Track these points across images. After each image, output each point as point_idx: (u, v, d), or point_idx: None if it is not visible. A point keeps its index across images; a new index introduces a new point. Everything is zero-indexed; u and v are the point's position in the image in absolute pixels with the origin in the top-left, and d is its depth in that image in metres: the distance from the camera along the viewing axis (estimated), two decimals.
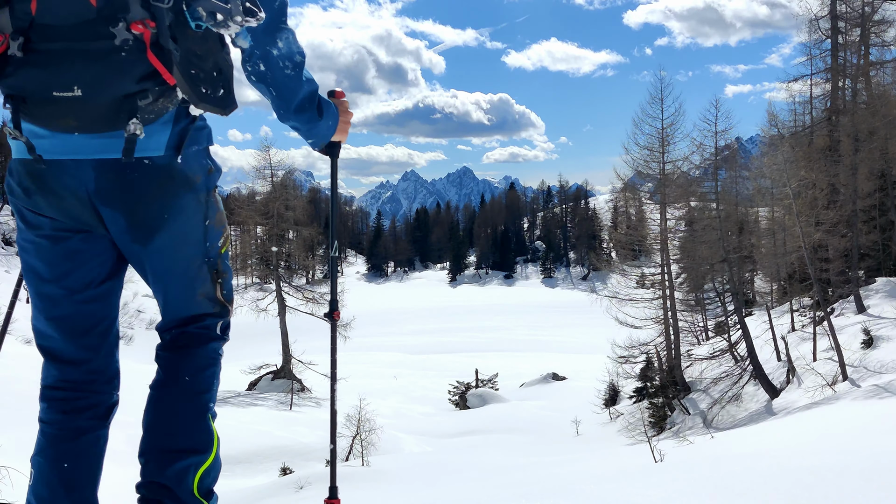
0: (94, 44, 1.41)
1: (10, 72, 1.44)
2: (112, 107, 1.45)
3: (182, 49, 1.46)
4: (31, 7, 1.40)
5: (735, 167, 27.06)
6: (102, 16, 1.41)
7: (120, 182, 1.54)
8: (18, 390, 20.42)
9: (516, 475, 8.18)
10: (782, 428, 9.71)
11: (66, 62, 1.41)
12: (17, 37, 1.41)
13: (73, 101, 1.42)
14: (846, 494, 3.54)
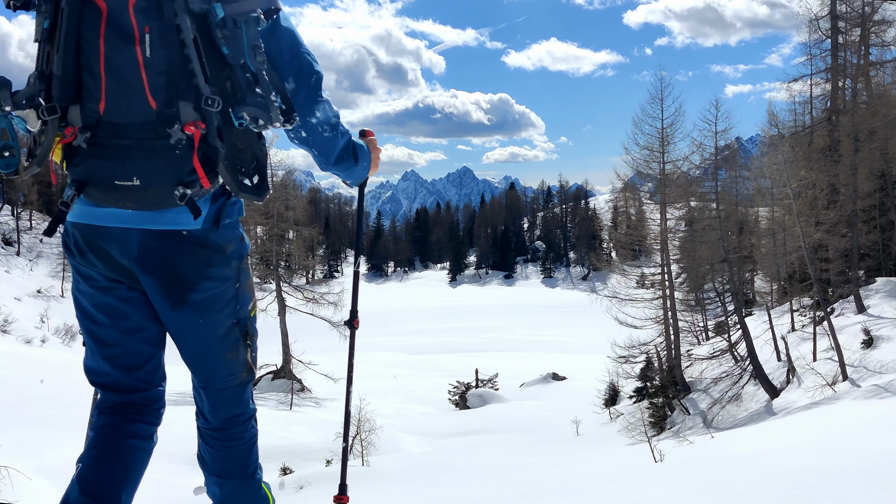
0: (152, 141, 1.62)
1: (78, 161, 1.67)
2: (165, 193, 1.64)
3: (227, 145, 1.66)
4: (99, 107, 1.62)
5: (735, 167, 27.07)
6: (161, 118, 1.62)
7: (160, 250, 1.74)
8: (18, 390, 20.39)
9: (516, 475, 8.18)
10: (782, 428, 9.71)
11: (127, 156, 1.63)
12: (85, 131, 1.64)
13: (132, 188, 1.64)
14: (846, 494, 3.54)
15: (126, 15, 1.60)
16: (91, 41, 1.62)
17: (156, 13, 1.61)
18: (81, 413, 13.51)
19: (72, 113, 1.64)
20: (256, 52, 1.68)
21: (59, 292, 54.34)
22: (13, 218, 59.18)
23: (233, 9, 1.64)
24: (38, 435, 13.37)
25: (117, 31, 1.61)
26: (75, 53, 1.62)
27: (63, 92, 1.63)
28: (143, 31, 1.61)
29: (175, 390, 14.93)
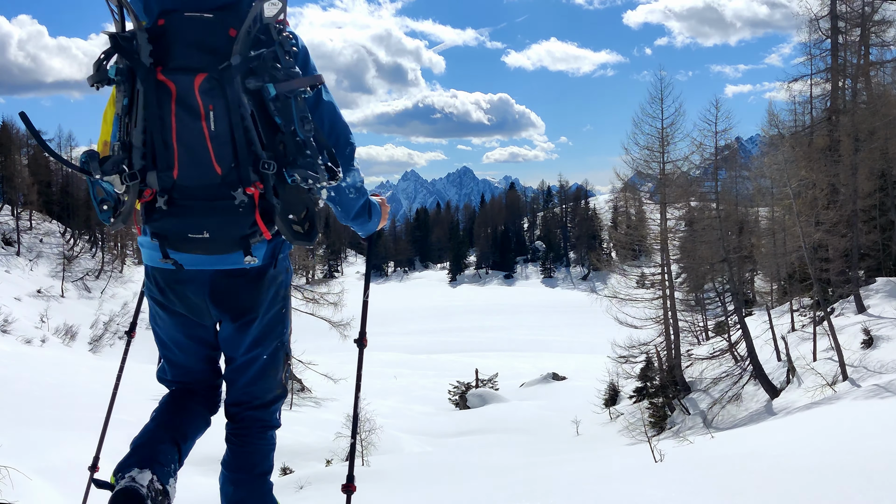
0: (219, 202, 1.91)
1: (157, 217, 1.94)
2: (230, 243, 1.97)
3: (281, 200, 1.95)
4: (173, 173, 1.90)
5: (735, 167, 27.05)
6: (225, 182, 1.90)
7: (229, 285, 2.09)
8: (18, 390, 20.38)
9: (516, 475, 8.17)
10: (782, 428, 9.71)
11: (198, 214, 1.92)
12: (163, 194, 1.91)
13: (203, 240, 1.94)
14: (846, 494, 3.54)
15: (192, 95, 1.85)
16: (164, 117, 1.88)
17: (218, 92, 1.86)
18: (81, 413, 13.71)
19: (150, 178, 1.90)
20: (304, 122, 1.95)
21: (58, 292, 54.31)
22: (13, 218, 59.13)
23: (283, 87, 1.90)
24: (38, 435, 13.37)
25: (186, 108, 1.87)
26: (151, 127, 1.89)
27: (143, 161, 1.90)
28: (207, 109, 1.87)
29: None
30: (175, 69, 1.85)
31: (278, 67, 1.90)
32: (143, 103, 1.87)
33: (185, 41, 1.87)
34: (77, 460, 12.25)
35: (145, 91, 1.86)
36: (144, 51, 1.85)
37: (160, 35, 1.87)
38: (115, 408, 3.59)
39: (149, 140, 1.89)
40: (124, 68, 1.89)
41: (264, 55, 1.89)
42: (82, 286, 58.64)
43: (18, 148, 62.47)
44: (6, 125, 61.06)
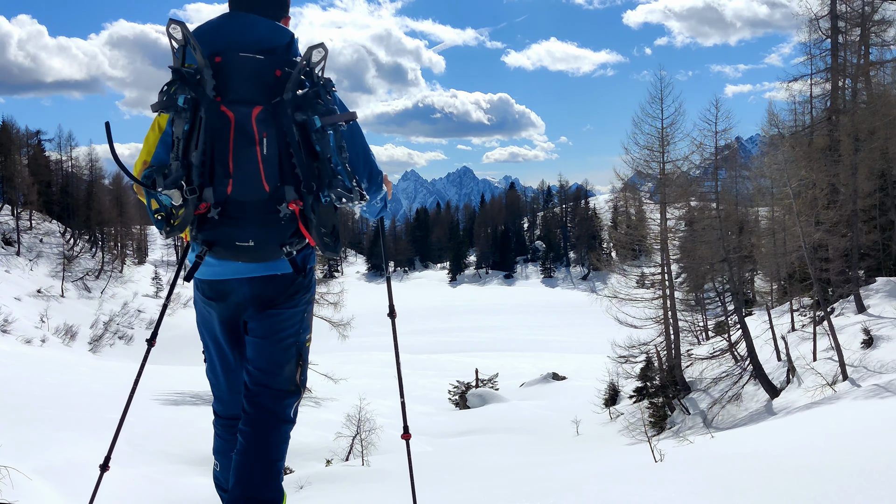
0: (265, 215, 2.24)
1: (209, 227, 2.24)
2: (271, 251, 2.28)
3: (317, 216, 2.27)
4: (228, 189, 2.21)
5: (735, 167, 27.04)
6: (272, 198, 2.23)
7: (265, 287, 2.42)
8: (18, 390, 20.35)
9: (516, 475, 8.17)
10: (782, 428, 9.71)
11: (246, 224, 2.23)
12: (217, 206, 2.22)
13: (247, 247, 2.25)
14: (846, 494, 3.54)
15: (250, 124, 2.20)
16: (223, 141, 2.20)
17: (271, 122, 2.21)
18: (81, 413, 13.72)
19: (206, 193, 2.21)
20: (341, 151, 2.30)
21: (58, 292, 54.32)
22: (13, 218, 59.12)
23: (325, 120, 2.24)
24: (38, 435, 13.36)
25: (243, 134, 2.20)
26: (210, 150, 2.21)
27: (201, 178, 2.21)
28: (261, 136, 2.21)
29: (175, 390, 15.22)
30: (235, 101, 2.20)
31: (321, 104, 2.24)
32: (205, 129, 2.19)
33: (242, 77, 2.20)
34: (77, 460, 12.25)
35: (208, 119, 2.19)
36: (209, 84, 2.18)
37: (218, 71, 2.20)
38: (115, 408, 3.61)
39: (207, 160, 2.21)
40: (190, 100, 2.20)
41: (309, 94, 2.23)
42: (82, 286, 58.64)
43: (18, 148, 62.43)
44: (6, 125, 61.04)
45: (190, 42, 2.17)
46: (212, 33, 2.29)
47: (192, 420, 17.55)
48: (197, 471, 13.24)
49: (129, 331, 54.03)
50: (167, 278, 71.95)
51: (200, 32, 2.29)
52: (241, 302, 2.44)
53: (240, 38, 2.27)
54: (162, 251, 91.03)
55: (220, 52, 2.21)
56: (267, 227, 2.24)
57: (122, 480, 11.69)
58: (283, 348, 2.47)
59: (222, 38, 2.27)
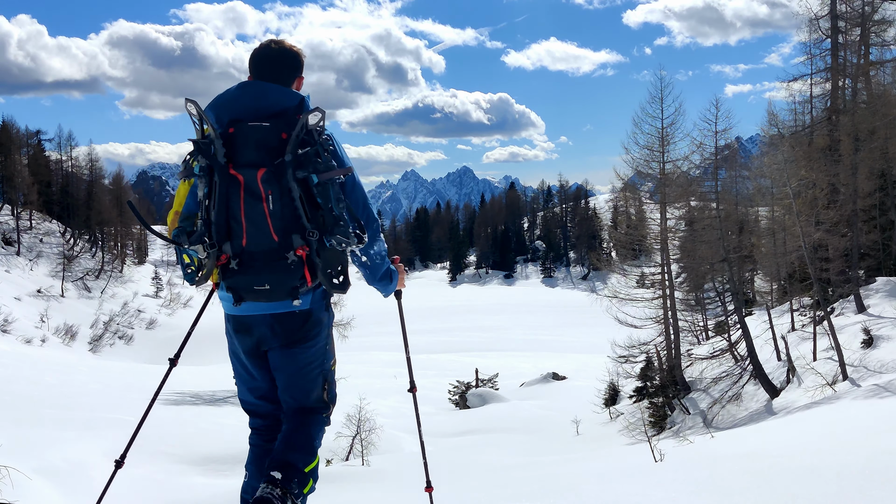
0: (276, 262, 2.55)
1: (230, 275, 2.59)
2: (284, 292, 2.59)
3: (322, 259, 2.59)
4: (242, 242, 2.56)
5: (735, 167, 27.02)
6: (281, 247, 2.55)
7: (283, 322, 2.73)
8: (18, 390, 20.32)
9: (516, 475, 8.17)
10: (782, 427, 9.71)
11: (261, 272, 2.56)
12: (235, 257, 2.57)
13: (264, 290, 2.59)
14: (846, 494, 3.54)
15: (256, 184, 2.51)
16: (235, 201, 2.53)
17: (275, 181, 2.51)
18: (81, 413, 13.70)
19: (225, 246, 2.57)
20: (339, 201, 2.61)
21: (58, 292, 54.29)
22: (13, 217, 59.09)
23: (322, 177, 2.56)
24: (38, 435, 13.35)
25: (251, 194, 2.52)
26: (226, 209, 2.54)
27: (219, 234, 2.56)
28: (267, 194, 2.51)
29: (174, 390, 15.21)
30: (242, 165, 2.52)
31: (319, 161, 2.55)
32: (219, 191, 2.53)
33: (249, 144, 2.53)
34: (77, 460, 12.23)
35: (220, 182, 2.53)
36: (220, 153, 2.52)
37: (230, 139, 2.55)
38: (114, 408, 3.65)
39: (223, 218, 2.55)
40: (205, 167, 2.55)
41: (309, 152, 2.54)
42: (82, 286, 58.62)
43: (18, 148, 62.41)
44: (6, 125, 61.02)
45: (203, 118, 2.56)
46: (229, 104, 2.65)
47: (192, 420, 17.54)
48: (197, 471, 13.23)
49: (129, 331, 54.00)
50: (167, 278, 71.96)
51: (219, 103, 2.66)
52: (263, 334, 2.78)
53: (252, 107, 2.61)
54: (162, 251, 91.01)
55: (234, 123, 2.57)
56: (279, 272, 2.57)
57: (122, 480, 11.68)
58: (311, 379, 2.88)
59: (237, 108, 2.62)
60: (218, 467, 13.57)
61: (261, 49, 2.81)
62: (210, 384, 26.62)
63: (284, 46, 2.81)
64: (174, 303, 63.63)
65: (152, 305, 61.15)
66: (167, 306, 62.40)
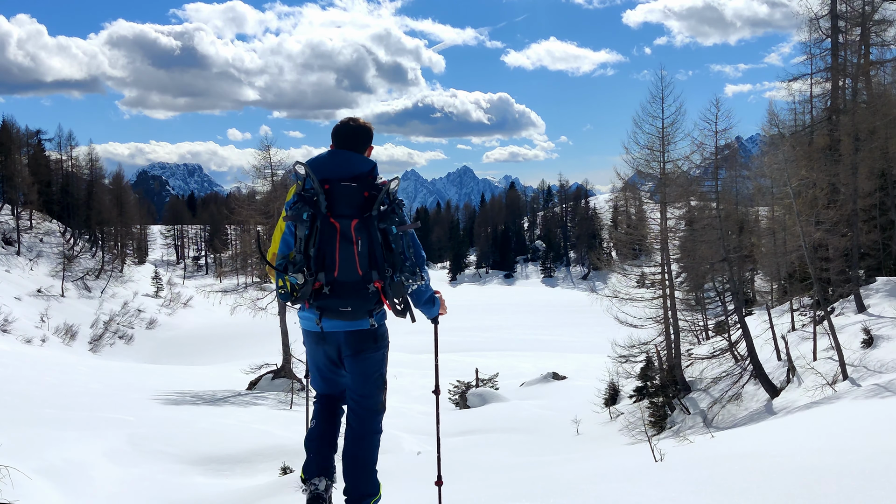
0: (359, 290, 3.31)
1: (322, 298, 3.32)
2: (362, 313, 3.38)
3: (392, 290, 3.38)
4: (335, 273, 3.29)
5: (735, 166, 27.00)
6: (363, 279, 3.31)
7: (355, 336, 3.52)
8: (18, 389, 20.34)
9: (516, 475, 8.16)
10: (782, 427, 9.70)
11: (346, 297, 3.31)
12: (328, 285, 3.30)
13: (347, 312, 3.35)
14: (846, 494, 3.54)
15: (349, 231, 3.29)
16: (331, 242, 3.28)
17: (364, 230, 3.30)
18: (81, 413, 13.67)
19: (320, 276, 3.29)
20: (408, 248, 3.44)
21: (59, 292, 54.27)
22: (13, 217, 59.08)
23: (399, 229, 3.38)
24: (38, 435, 13.35)
25: (345, 238, 3.29)
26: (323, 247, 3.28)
27: (317, 266, 3.29)
28: (357, 239, 3.29)
29: (175, 390, 15.15)
30: (339, 215, 3.29)
31: (395, 217, 3.37)
32: (320, 234, 3.28)
33: (342, 200, 3.32)
34: (77, 460, 12.23)
35: (322, 227, 3.28)
36: (322, 204, 3.28)
37: (328, 194, 3.31)
38: (114, 408, 3.71)
39: (320, 254, 3.29)
40: (310, 213, 3.29)
41: (388, 210, 3.36)
42: (82, 286, 58.61)
43: (18, 147, 62.38)
44: (6, 124, 60.99)
45: (310, 175, 3.33)
46: (321, 166, 3.41)
47: (191, 420, 17.54)
48: (197, 470, 13.22)
49: (130, 330, 53.98)
50: (167, 278, 71.92)
51: (314, 164, 3.40)
52: (338, 344, 3.56)
53: (340, 171, 3.39)
54: (162, 251, 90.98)
55: (328, 181, 3.32)
56: (360, 299, 3.33)
57: (122, 480, 11.69)
58: (374, 381, 3.64)
59: (329, 170, 3.39)
60: (218, 467, 13.57)
61: (342, 125, 3.61)
62: (210, 384, 26.63)
63: (360, 123, 3.63)
64: (174, 302, 63.62)
65: (152, 305, 61.13)
66: (167, 306, 62.38)
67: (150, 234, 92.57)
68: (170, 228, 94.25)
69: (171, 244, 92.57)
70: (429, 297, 3.75)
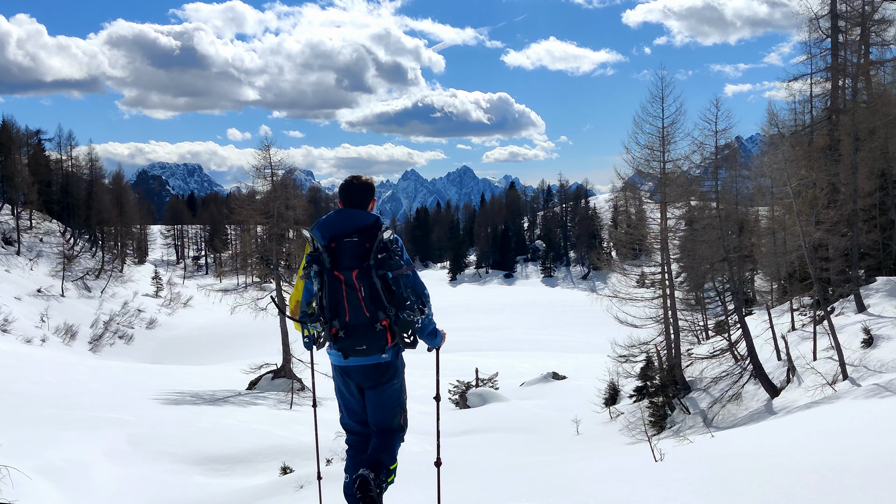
0: (369, 330, 3.78)
1: (339, 341, 3.81)
2: (374, 350, 3.85)
3: (398, 326, 3.84)
4: (346, 318, 3.77)
5: (735, 166, 26.99)
6: (371, 320, 3.78)
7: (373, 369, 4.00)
8: (19, 389, 20.31)
9: (516, 475, 8.16)
10: (782, 427, 9.70)
11: (360, 337, 3.79)
12: (341, 329, 3.79)
13: (362, 349, 3.83)
14: (846, 493, 3.54)
15: (352, 280, 3.77)
16: (339, 292, 3.79)
17: (366, 278, 3.77)
18: (81, 413, 13.64)
19: (334, 322, 3.80)
20: (406, 287, 3.87)
21: (58, 291, 54.25)
22: (13, 217, 59.07)
23: (396, 273, 3.82)
24: (38, 434, 13.35)
25: (349, 286, 3.78)
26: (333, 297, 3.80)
27: (330, 314, 3.81)
28: (360, 286, 3.78)
29: (175, 390, 15.13)
30: (342, 268, 3.79)
31: (392, 262, 3.81)
32: (328, 287, 3.81)
33: (346, 253, 3.81)
34: (76, 459, 12.22)
35: (329, 281, 3.81)
36: (327, 260, 3.80)
37: (334, 251, 3.82)
38: (114, 408, 3.66)
39: (332, 304, 3.81)
40: (318, 270, 3.82)
41: (384, 257, 3.79)
42: (82, 285, 58.59)
43: (18, 147, 62.38)
44: (6, 124, 60.98)
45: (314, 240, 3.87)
46: (329, 225, 3.92)
47: (191, 420, 17.54)
48: (197, 470, 13.22)
49: (130, 330, 53.96)
50: (167, 278, 71.90)
51: (323, 224, 3.93)
52: (359, 377, 4.07)
53: (344, 227, 3.89)
54: (162, 251, 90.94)
55: (334, 238, 3.84)
56: (371, 337, 3.82)
57: (122, 480, 11.68)
58: (390, 409, 4.15)
59: (335, 228, 3.89)
60: (218, 467, 13.57)
61: (346, 185, 4.13)
62: (210, 384, 26.62)
63: (362, 181, 4.14)
64: (174, 302, 63.61)
65: (152, 305, 61.12)
66: (167, 306, 62.36)
67: (150, 233, 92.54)
68: (170, 228, 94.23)
69: (171, 244, 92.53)
70: (431, 331, 4.17)
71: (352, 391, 4.14)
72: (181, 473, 12.74)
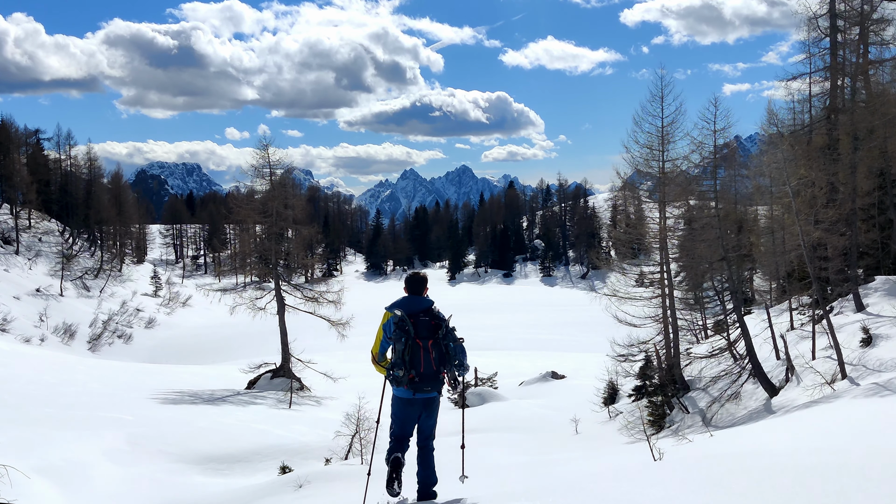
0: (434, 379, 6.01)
1: (416, 383, 5.94)
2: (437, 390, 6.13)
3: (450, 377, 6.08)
4: (420, 369, 5.94)
5: (734, 166, 27.03)
6: (437, 371, 6.01)
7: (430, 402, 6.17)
8: (18, 389, 20.28)
9: (516, 474, 8.18)
10: (781, 426, 9.71)
11: (429, 383, 5.99)
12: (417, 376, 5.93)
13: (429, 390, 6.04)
14: (846, 493, 3.54)
15: (428, 346, 5.95)
16: (418, 353, 5.91)
17: (437, 346, 5.99)
18: (80, 412, 13.67)
19: (413, 371, 5.85)
20: (460, 352, 6.08)
21: (57, 291, 54.24)
22: (12, 217, 59.02)
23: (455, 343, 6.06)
24: (38, 434, 13.35)
25: (426, 351, 5.94)
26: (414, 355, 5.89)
27: (411, 366, 5.87)
28: (434, 351, 5.97)
29: (174, 389, 15.19)
30: (422, 338, 5.90)
31: (451, 337, 6.00)
32: (411, 349, 5.84)
33: (423, 328, 5.95)
34: (76, 459, 12.21)
35: (412, 345, 5.85)
36: (412, 331, 5.87)
37: (414, 325, 5.91)
38: (114, 407, 3.63)
39: (413, 360, 5.83)
40: (404, 337, 5.85)
41: (446, 332, 6.00)
42: (81, 285, 58.56)
43: (17, 147, 62.34)
44: (5, 124, 60.96)
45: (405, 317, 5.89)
46: (407, 305, 5.98)
47: (190, 419, 17.53)
48: (196, 469, 13.22)
49: (128, 330, 53.93)
50: (166, 277, 71.89)
51: (402, 304, 6.00)
52: (420, 407, 6.01)
53: (416, 308, 5.97)
54: (161, 250, 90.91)
55: (412, 315, 5.91)
56: (435, 383, 5.89)
57: (121, 479, 11.68)
58: (433, 425, 6.16)
59: (411, 308, 5.97)
60: (217, 466, 13.58)
61: (411, 278, 6.20)
62: (209, 384, 26.61)
63: (420, 276, 6.23)
64: (173, 302, 63.58)
65: (151, 304, 61.09)
66: (166, 305, 62.34)
67: (149, 233, 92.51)
68: (168, 228, 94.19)
69: (169, 243, 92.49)
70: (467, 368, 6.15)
71: (411, 415, 6.00)
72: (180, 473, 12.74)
